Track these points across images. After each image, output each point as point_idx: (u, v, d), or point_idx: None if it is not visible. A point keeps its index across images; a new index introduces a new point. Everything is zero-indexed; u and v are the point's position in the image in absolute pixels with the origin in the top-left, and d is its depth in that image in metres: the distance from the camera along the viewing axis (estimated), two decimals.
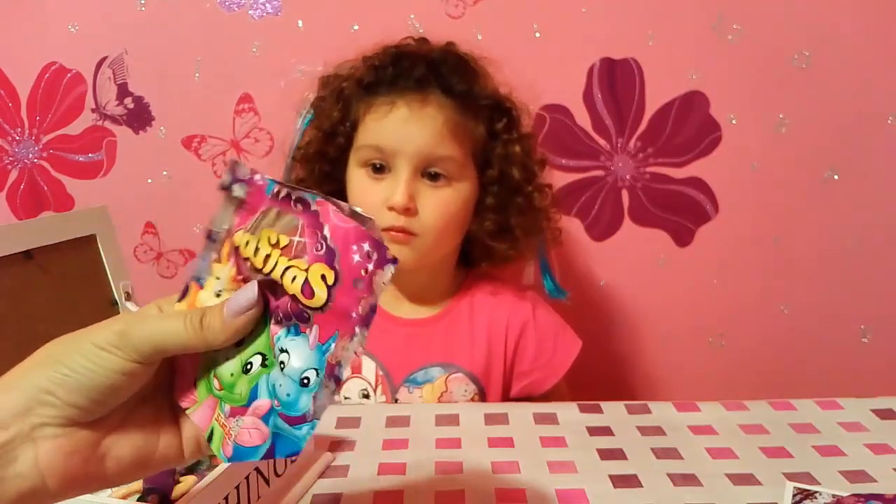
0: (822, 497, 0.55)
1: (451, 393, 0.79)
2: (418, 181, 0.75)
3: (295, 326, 0.33)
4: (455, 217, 0.77)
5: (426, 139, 0.74)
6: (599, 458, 0.63)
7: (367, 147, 0.76)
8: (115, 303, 0.62)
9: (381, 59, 0.79)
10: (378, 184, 0.76)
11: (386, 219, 0.74)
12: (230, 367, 0.34)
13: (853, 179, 1.02)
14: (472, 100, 0.77)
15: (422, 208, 0.75)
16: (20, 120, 1.05)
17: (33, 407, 0.31)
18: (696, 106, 1.00)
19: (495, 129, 0.79)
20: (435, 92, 0.75)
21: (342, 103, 0.79)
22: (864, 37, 0.97)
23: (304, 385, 0.33)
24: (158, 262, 1.09)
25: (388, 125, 0.75)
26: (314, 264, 0.33)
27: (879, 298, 1.06)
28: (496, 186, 0.79)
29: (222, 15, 1.00)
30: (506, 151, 0.78)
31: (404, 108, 0.74)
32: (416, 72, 0.76)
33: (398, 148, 0.74)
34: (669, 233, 1.05)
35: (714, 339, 1.10)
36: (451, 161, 0.75)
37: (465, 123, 0.76)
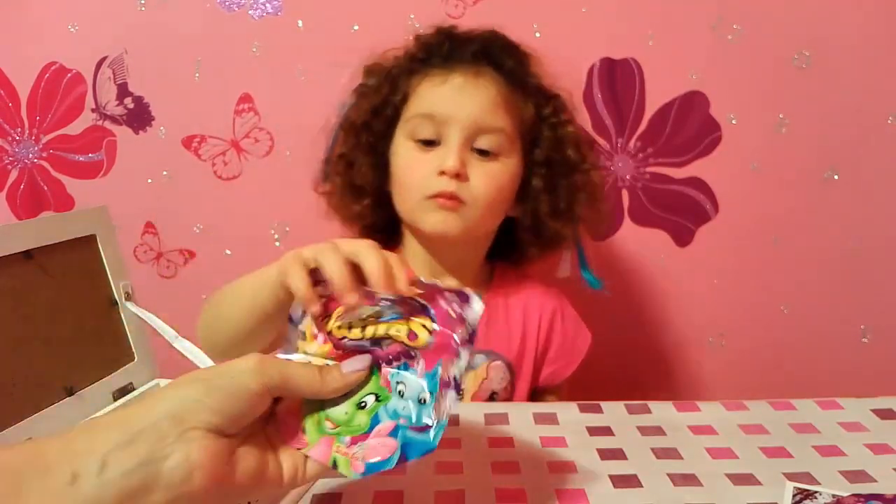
0: (822, 497, 0.55)
1: (491, 380, 0.81)
2: (468, 152, 0.75)
3: (404, 364, 0.42)
4: (502, 190, 0.77)
5: (480, 107, 0.75)
6: (599, 458, 0.63)
7: (418, 116, 0.77)
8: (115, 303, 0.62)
9: (434, 37, 0.81)
10: (428, 153, 0.76)
11: (436, 184, 0.74)
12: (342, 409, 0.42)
13: (853, 179, 1.02)
14: (521, 79, 0.79)
15: (472, 178, 0.75)
16: (20, 120, 1.05)
17: (185, 414, 0.37)
18: (696, 106, 1.00)
19: (543, 112, 0.80)
20: (487, 68, 0.77)
21: (391, 81, 0.80)
22: (864, 37, 0.97)
23: (421, 403, 0.41)
24: (158, 262, 1.09)
25: (443, 92, 0.76)
26: (414, 319, 0.43)
27: (879, 298, 1.06)
28: (544, 168, 0.79)
29: (222, 15, 1.00)
30: (555, 133, 0.79)
31: (459, 77, 0.76)
32: (471, 47, 0.78)
33: (452, 114, 0.75)
34: (669, 233, 1.05)
35: (714, 339, 1.10)
36: (502, 133, 0.76)
37: (515, 100, 0.77)
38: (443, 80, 0.76)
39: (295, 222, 1.07)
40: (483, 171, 0.75)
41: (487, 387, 0.81)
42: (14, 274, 0.54)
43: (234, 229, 1.08)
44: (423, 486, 0.58)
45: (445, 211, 0.75)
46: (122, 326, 0.63)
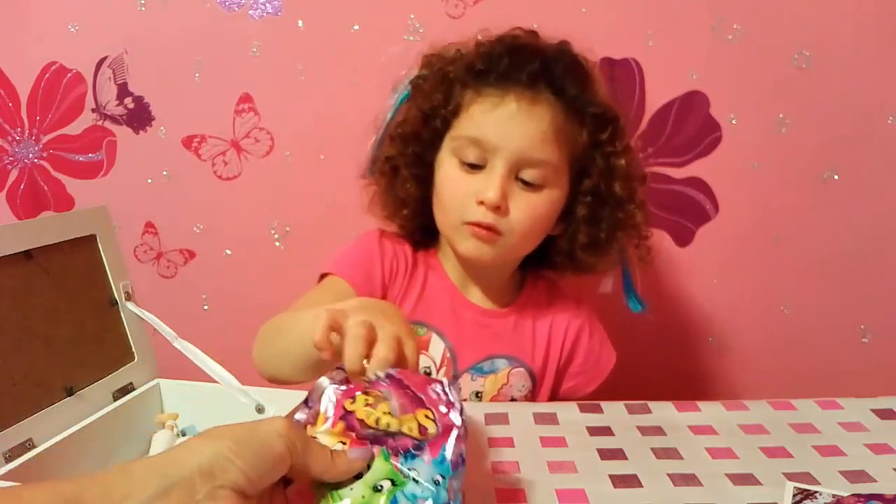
0: (822, 497, 0.55)
1: (511, 386, 0.81)
2: (512, 182, 0.73)
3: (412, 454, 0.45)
4: (541, 222, 0.76)
5: (529, 140, 0.72)
6: (599, 458, 0.63)
7: (466, 139, 0.74)
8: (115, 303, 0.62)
9: (495, 47, 0.77)
10: (471, 177, 0.74)
11: (474, 213, 0.73)
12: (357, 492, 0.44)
13: (853, 179, 1.02)
14: (580, 105, 0.74)
15: (513, 209, 0.73)
16: (20, 120, 1.05)
17: (216, 471, 0.38)
18: (696, 106, 1.00)
19: (599, 139, 0.76)
20: (545, 91, 0.73)
21: (445, 86, 0.76)
22: (864, 37, 0.97)
23: (436, 483, 0.45)
24: (158, 262, 1.09)
25: (493, 119, 0.72)
26: (417, 411, 0.47)
27: (879, 298, 1.06)
28: (590, 197, 0.77)
29: (222, 15, 1.00)
30: (607, 164, 0.76)
31: (513, 104, 0.72)
32: (530, 67, 0.73)
33: (499, 144, 0.72)
34: (669, 233, 1.05)
35: (714, 339, 1.10)
36: (548, 166, 0.73)
37: (569, 129, 0.74)
38: (495, 104, 0.72)
39: (295, 222, 1.07)
40: (524, 203, 0.73)
41: (507, 392, 0.81)
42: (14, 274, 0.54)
43: (234, 229, 1.08)
44: None
45: (480, 241, 0.74)
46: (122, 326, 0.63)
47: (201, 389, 0.64)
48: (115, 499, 0.35)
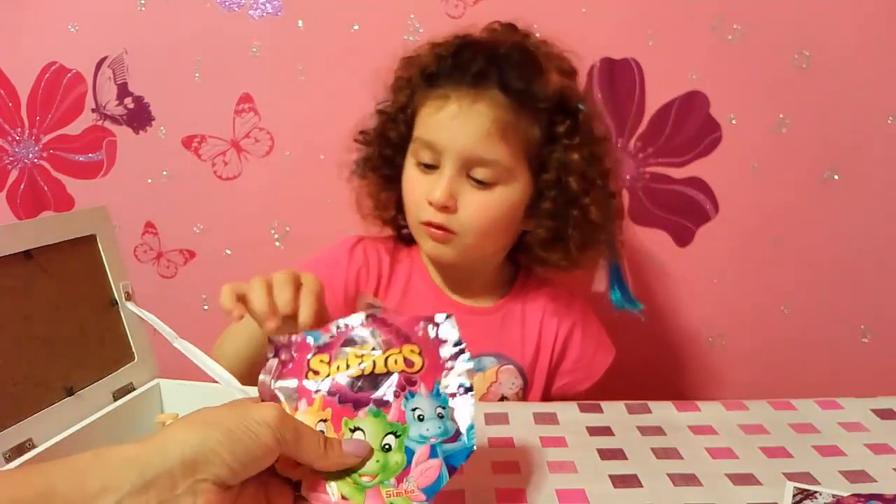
0: (822, 497, 0.55)
1: (500, 384, 0.80)
2: (462, 180, 0.73)
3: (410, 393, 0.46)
4: (497, 220, 0.75)
5: (472, 139, 0.72)
6: (599, 458, 0.63)
7: (418, 141, 0.76)
8: (115, 303, 0.62)
9: (445, 47, 0.77)
10: (425, 177, 0.75)
11: (426, 213, 0.74)
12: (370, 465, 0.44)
13: (853, 179, 1.02)
14: (529, 99, 0.73)
15: (462, 208, 0.73)
16: (20, 120, 1.05)
17: (199, 463, 0.37)
18: (696, 106, 1.00)
19: (555, 133, 0.75)
20: (491, 88, 0.72)
21: (406, 89, 0.79)
22: (864, 37, 0.97)
23: (440, 417, 0.45)
24: (158, 262, 1.09)
25: (438, 120, 0.74)
26: (403, 346, 0.47)
27: (879, 298, 1.06)
28: (554, 191, 0.76)
29: (222, 15, 1.00)
30: (564, 157, 0.75)
31: (454, 105, 0.72)
32: (475, 65, 0.73)
33: (445, 145, 0.73)
34: (669, 233, 1.05)
35: (714, 339, 1.10)
36: (497, 165, 0.73)
37: (517, 124, 0.73)
38: (439, 106, 0.73)
39: (295, 222, 1.07)
40: (475, 201, 0.73)
41: (497, 390, 0.81)
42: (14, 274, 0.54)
43: (234, 229, 1.08)
44: None
45: (435, 241, 0.75)
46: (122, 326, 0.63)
47: (201, 389, 0.64)
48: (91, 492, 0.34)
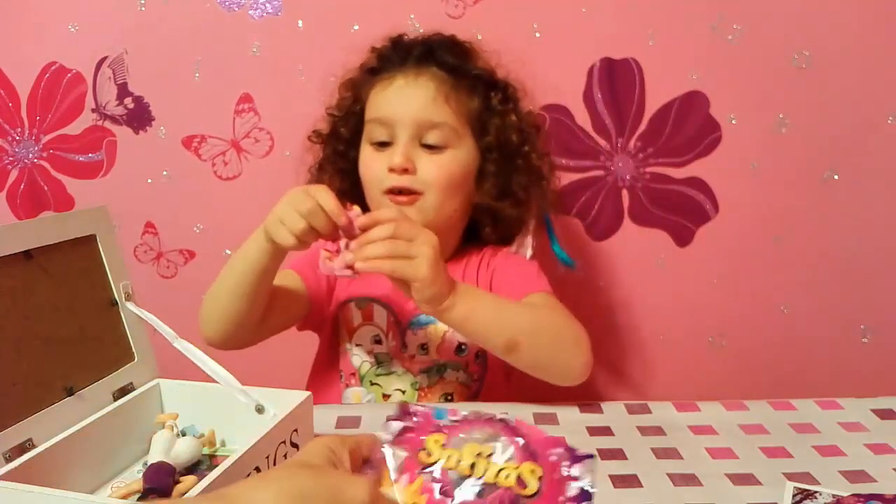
0: (822, 497, 0.55)
1: (453, 331, 0.81)
2: (417, 149, 0.80)
3: None
4: (453, 177, 0.81)
5: (421, 105, 0.79)
6: (599, 458, 0.63)
7: (371, 122, 0.82)
8: (115, 303, 0.62)
9: (384, 45, 0.87)
10: (382, 153, 0.81)
11: (388, 180, 0.79)
12: None
13: (853, 179, 1.02)
14: (465, 74, 0.83)
15: (420, 169, 0.79)
16: (20, 120, 1.05)
17: None
18: (696, 106, 1.00)
19: (491, 103, 0.84)
20: (430, 67, 0.82)
21: (353, 90, 0.87)
22: (864, 37, 0.97)
23: None
24: (158, 262, 1.09)
25: (387, 95, 0.82)
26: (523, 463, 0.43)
27: (879, 298, 1.06)
28: (495, 153, 0.84)
29: (222, 15, 1.00)
30: (502, 121, 0.84)
31: (401, 80, 0.82)
32: (414, 51, 0.84)
33: (396, 115, 0.80)
34: (669, 233, 1.05)
35: (714, 339, 1.10)
36: (446, 127, 0.80)
37: (457, 94, 0.81)
38: (387, 84, 0.82)
39: None
40: (432, 162, 0.80)
41: (452, 338, 0.82)
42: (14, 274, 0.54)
43: (234, 229, 1.08)
44: None
45: (402, 205, 0.79)
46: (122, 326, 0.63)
47: (201, 389, 0.64)
48: None
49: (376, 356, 0.83)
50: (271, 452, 0.54)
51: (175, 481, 0.55)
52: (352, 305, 0.84)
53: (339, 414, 0.73)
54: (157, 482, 0.54)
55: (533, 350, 0.71)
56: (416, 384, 0.82)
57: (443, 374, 0.82)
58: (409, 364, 0.83)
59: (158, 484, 0.53)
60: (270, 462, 0.54)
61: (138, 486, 0.54)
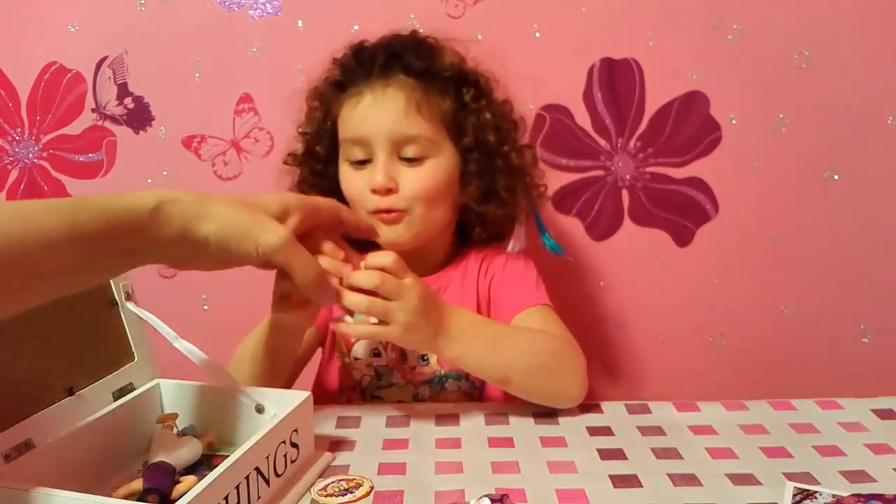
0: (822, 497, 0.55)
1: None
2: (396, 163, 0.78)
3: None
4: (437, 188, 0.79)
5: (392, 121, 0.77)
6: (599, 458, 0.63)
7: (346, 142, 0.81)
8: (115, 303, 0.62)
9: (343, 56, 0.85)
10: (361, 172, 0.80)
11: (371, 202, 0.78)
12: None
13: (853, 179, 1.02)
14: (433, 75, 0.80)
15: (403, 186, 0.78)
16: (20, 120, 1.05)
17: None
18: (696, 106, 1.00)
19: (464, 101, 0.82)
20: (397, 75, 0.80)
21: (323, 105, 0.85)
22: (864, 37, 0.97)
23: None
24: None
25: (357, 115, 0.79)
26: None
27: (879, 298, 1.06)
28: (475, 153, 0.82)
29: (222, 15, 1.00)
30: (477, 119, 0.82)
31: (369, 96, 0.79)
32: (378, 59, 0.81)
33: (370, 134, 0.78)
34: (669, 233, 1.05)
35: (714, 339, 1.10)
36: (422, 139, 0.78)
37: (429, 100, 0.79)
38: (356, 101, 0.80)
39: None
40: (413, 176, 0.78)
41: None
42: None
43: None
44: (424, 486, 0.58)
45: (391, 225, 0.79)
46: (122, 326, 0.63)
47: (201, 389, 0.64)
48: None
49: (376, 369, 0.82)
50: (271, 452, 0.54)
51: (175, 481, 0.55)
52: (348, 319, 0.83)
53: (339, 414, 0.73)
54: (157, 482, 0.54)
55: (526, 382, 0.71)
56: (418, 395, 0.82)
57: (444, 385, 0.82)
58: (411, 375, 0.82)
59: (158, 484, 0.53)
60: (271, 462, 0.54)
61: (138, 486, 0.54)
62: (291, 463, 0.58)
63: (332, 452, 0.64)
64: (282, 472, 0.56)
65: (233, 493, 0.49)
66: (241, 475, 0.51)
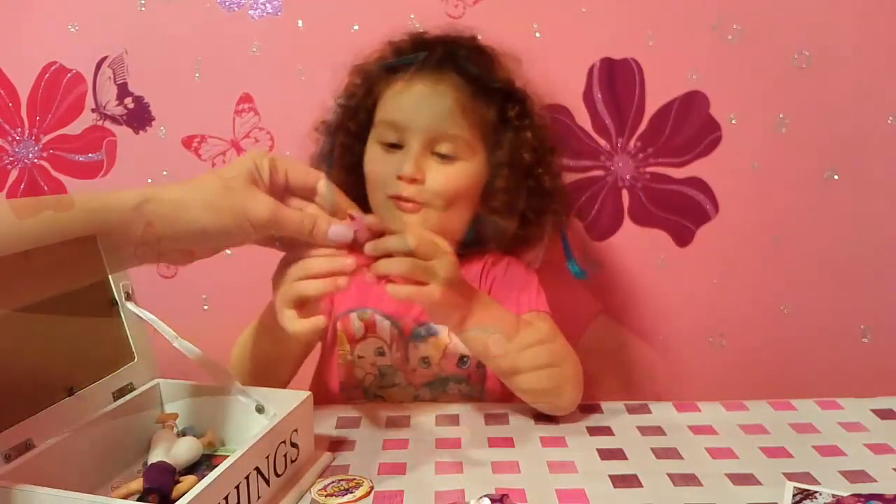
0: (822, 497, 0.55)
1: (455, 344, 0.82)
2: (428, 157, 0.78)
3: None
4: (462, 189, 0.80)
5: (437, 115, 0.78)
6: (599, 458, 0.63)
7: (383, 123, 0.81)
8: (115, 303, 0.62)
9: (404, 42, 0.85)
10: (391, 156, 0.80)
11: (395, 187, 0.78)
12: None
13: (853, 179, 1.02)
14: (484, 84, 0.81)
15: (429, 179, 0.78)
16: (20, 120, 1.05)
17: None
18: (696, 106, 1.00)
19: (507, 115, 0.82)
20: (450, 73, 0.80)
21: (366, 82, 0.85)
22: (864, 37, 0.97)
23: None
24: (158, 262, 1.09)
25: (403, 100, 0.80)
26: None
27: (879, 298, 1.06)
28: (506, 169, 0.82)
29: (222, 15, 1.00)
30: (517, 136, 0.82)
31: (419, 85, 0.79)
32: (435, 54, 0.81)
33: (411, 122, 0.78)
34: (669, 233, 1.05)
35: (714, 339, 1.10)
36: (460, 140, 0.78)
37: (475, 105, 0.80)
38: (404, 88, 0.80)
39: None
40: (441, 173, 0.78)
41: (454, 350, 0.82)
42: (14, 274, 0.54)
43: None
44: (423, 486, 0.58)
45: (407, 213, 0.79)
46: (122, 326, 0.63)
47: (201, 389, 0.64)
48: None
49: (379, 368, 0.82)
50: (271, 452, 0.55)
51: (175, 481, 0.55)
52: (353, 317, 0.83)
53: (339, 414, 0.73)
54: (157, 482, 0.54)
55: (532, 379, 0.71)
56: (419, 397, 0.82)
57: (445, 388, 0.82)
58: (412, 377, 0.82)
59: (158, 484, 0.53)
60: (271, 462, 0.54)
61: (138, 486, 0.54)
62: (291, 463, 0.58)
63: (332, 452, 0.64)
64: (282, 472, 0.56)
65: (233, 493, 0.49)
66: (241, 475, 0.51)
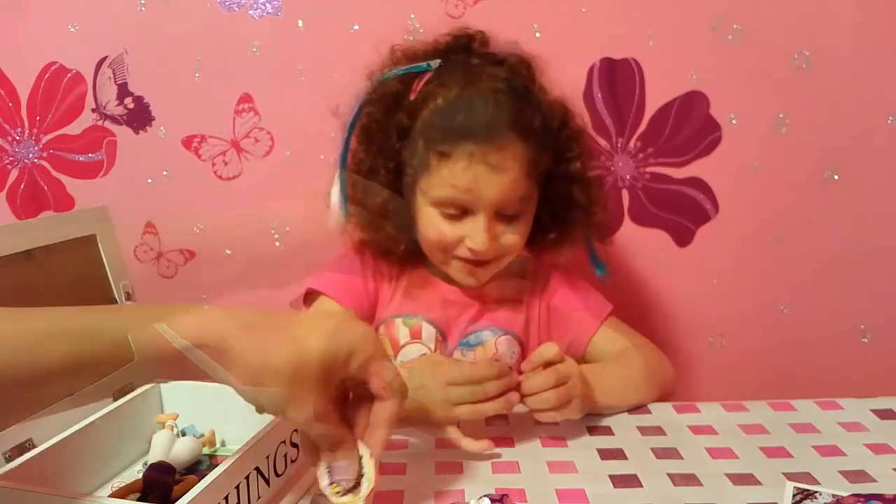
0: (822, 497, 0.55)
1: (501, 354, 0.83)
2: (495, 220, 0.76)
3: None
4: (525, 236, 0.79)
5: (505, 189, 0.74)
6: (599, 458, 0.63)
7: (443, 199, 0.75)
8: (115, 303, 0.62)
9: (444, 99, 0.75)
10: (455, 224, 0.76)
11: (464, 253, 0.77)
12: None
13: (853, 179, 1.02)
14: (541, 134, 0.76)
15: (500, 239, 0.77)
16: (20, 120, 1.05)
17: None
18: (696, 106, 1.00)
19: (559, 149, 0.80)
20: (505, 133, 0.73)
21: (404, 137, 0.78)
22: (864, 37, 0.97)
23: None
24: (158, 262, 1.09)
25: (466, 181, 0.73)
26: None
27: (879, 298, 1.06)
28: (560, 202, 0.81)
29: (222, 15, 1.00)
30: (568, 169, 0.80)
31: (481, 165, 0.72)
32: (483, 117, 0.72)
33: (477, 199, 0.74)
34: (669, 233, 1.05)
35: (714, 339, 1.10)
36: (526, 200, 0.77)
37: (536, 157, 0.76)
38: (464, 167, 0.72)
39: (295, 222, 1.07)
40: (511, 232, 0.77)
41: (501, 359, 0.82)
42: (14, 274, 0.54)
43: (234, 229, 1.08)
44: (423, 486, 0.58)
45: (472, 270, 0.79)
46: None
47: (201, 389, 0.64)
48: None
49: None
50: (271, 452, 0.54)
51: (175, 481, 0.55)
52: (398, 322, 0.83)
53: None
54: (157, 482, 0.54)
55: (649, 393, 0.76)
56: None
57: None
58: None
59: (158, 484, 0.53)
60: (270, 462, 0.54)
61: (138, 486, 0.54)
62: (291, 463, 0.58)
63: None
64: (282, 472, 0.56)
65: (232, 493, 0.49)
66: (241, 475, 0.51)
